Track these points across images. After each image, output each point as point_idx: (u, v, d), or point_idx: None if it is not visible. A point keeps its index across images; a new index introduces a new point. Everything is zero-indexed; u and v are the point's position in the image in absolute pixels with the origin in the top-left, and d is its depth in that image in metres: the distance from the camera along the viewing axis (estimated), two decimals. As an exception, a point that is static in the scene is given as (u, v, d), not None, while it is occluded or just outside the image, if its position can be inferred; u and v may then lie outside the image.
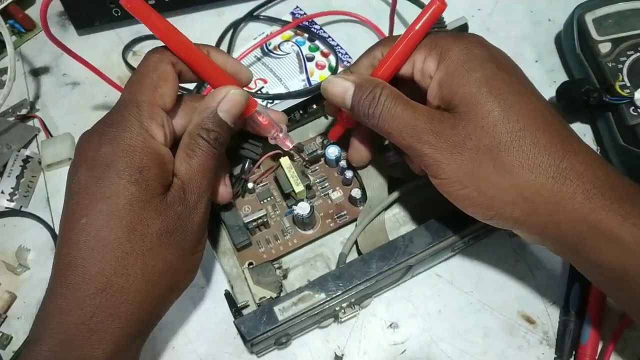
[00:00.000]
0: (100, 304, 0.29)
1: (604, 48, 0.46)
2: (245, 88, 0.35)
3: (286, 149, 0.39)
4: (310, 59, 0.52)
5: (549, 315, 0.41)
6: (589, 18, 0.47)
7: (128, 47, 0.54)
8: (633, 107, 0.43)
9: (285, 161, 0.40)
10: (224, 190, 0.37)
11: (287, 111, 0.42)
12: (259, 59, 0.53)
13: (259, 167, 0.41)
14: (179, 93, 0.34)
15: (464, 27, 0.44)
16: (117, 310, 0.29)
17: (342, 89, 0.34)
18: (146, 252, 0.29)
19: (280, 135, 0.38)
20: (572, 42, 0.48)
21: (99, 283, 0.29)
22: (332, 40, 0.53)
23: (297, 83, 0.51)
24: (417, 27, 0.33)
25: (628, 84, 0.44)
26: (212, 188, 0.33)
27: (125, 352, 0.30)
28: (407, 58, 0.34)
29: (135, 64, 0.53)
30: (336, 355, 0.40)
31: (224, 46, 0.54)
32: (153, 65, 0.32)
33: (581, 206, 0.29)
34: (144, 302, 0.30)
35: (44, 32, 0.37)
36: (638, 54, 0.45)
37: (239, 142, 0.41)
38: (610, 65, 0.45)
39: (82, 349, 0.28)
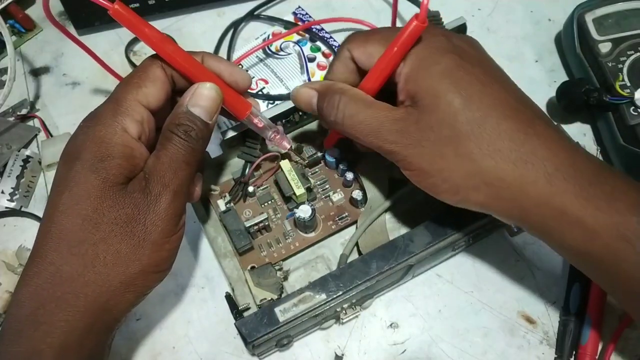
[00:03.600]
0: (48, 295, 0.29)
1: (604, 48, 0.46)
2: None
3: (284, 150, 0.39)
4: (312, 60, 0.52)
5: (549, 315, 0.41)
6: (589, 18, 0.47)
7: (129, 45, 0.54)
8: (633, 107, 0.43)
9: (285, 164, 0.40)
10: (191, 189, 0.35)
11: (287, 112, 0.42)
12: (260, 60, 0.53)
13: (257, 169, 0.41)
14: None
15: (462, 27, 0.44)
16: (63, 301, 0.29)
17: (308, 97, 0.36)
18: (99, 242, 0.29)
19: (277, 136, 0.38)
20: (572, 42, 0.48)
21: (49, 273, 0.29)
22: (334, 41, 0.53)
23: (298, 84, 0.50)
24: (395, 49, 0.32)
25: (628, 84, 0.44)
26: (184, 182, 0.32)
27: (77, 348, 0.30)
28: (389, 75, 0.33)
29: (136, 63, 0.53)
30: (336, 355, 0.40)
31: (224, 46, 0.54)
32: (144, 67, 0.33)
33: (543, 189, 0.29)
34: (92, 294, 0.29)
35: (47, 19, 0.38)
36: (638, 53, 0.45)
37: (237, 146, 0.41)
38: (610, 65, 0.45)
39: (31, 341, 0.28)
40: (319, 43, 0.53)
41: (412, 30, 0.31)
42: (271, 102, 0.49)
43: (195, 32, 0.55)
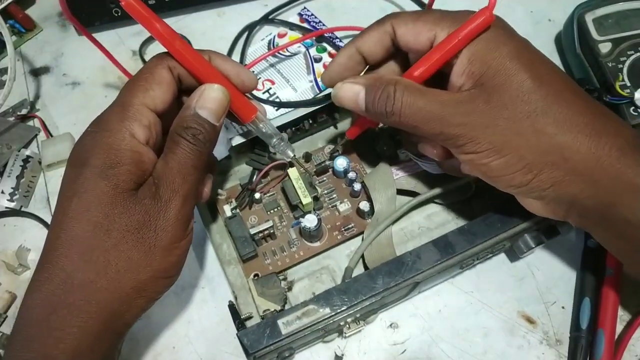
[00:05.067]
0: (60, 301, 0.29)
1: (604, 48, 0.46)
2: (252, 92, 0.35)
3: (287, 159, 0.39)
4: (318, 60, 0.52)
5: (549, 315, 0.40)
6: (589, 18, 0.47)
7: (143, 46, 0.54)
8: (633, 107, 0.43)
9: (293, 172, 0.39)
10: (200, 190, 0.35)
11: (297, 120, 0.42)
12: (266, 60, 0.52)
13: (265, 176, 0.41)
14: None
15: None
16: (75, 307, 0.29)
17: (353, 93, 0.34)
18: (110, 249, 0.29)
19: (282, 144, 0.38)
20: (572, 42, 0.48)
21: (60, 279, 0.29)
22: (340, 41, 0.53)
23: (304, 84, 0.51)
24: (458, 38, 0.32)
25: (628, 84, 0.44)
26: (193, 187, 0.32)
27: (89, 353, 0.29)
28: (444, 63, 0.33)
29: (134, 64, 0.53)
30: (336, 355, 0.40)
31: (238, 48, 0.53)
32: (149, 68, 0.32)
33: (617, 161, 0.30)
34: (104, 301, 0.29)
35: (63, 12, 0.38)
36: (638, 54, 0.45)
37: (245, 153, 0.40)
38: (610, 65, 0.45)
39: (43, 347, 0.28)
40: (324, 43, 0.53)
41: (480, 23, 0.31)
42: (276, 108, 0.49)
43: (195, 32, 0.55)
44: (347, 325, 0.36)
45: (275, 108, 0.49)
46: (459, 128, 0.31)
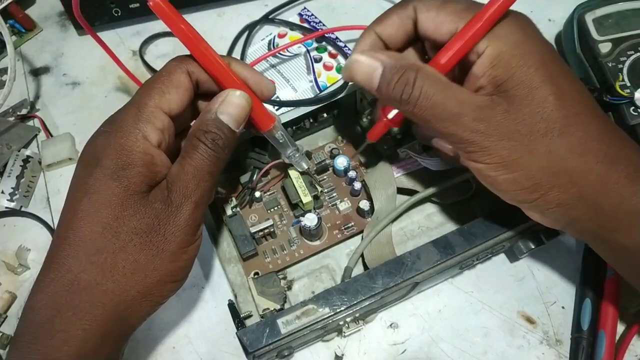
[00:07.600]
0: (66, 302, 0.28)
1: (604, 48, 0.46)
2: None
3: (300, 170, 0.39)
4: (318, 60, 0.52)
5: (549, 315, 0.40)
6: (589, 18, 0.47)
7: (143, 47, 0.54)
8: (633, 107, 0.43)
9: (293, 171, 0.39)
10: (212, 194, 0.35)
11: (298, 119, 0.42)
12: (266, 60, 0.53)
13: (265, 174, 0.41)
14: None
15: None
16: (81, 310, 0.28)
17: (370, 68, 0.31)
18: (118, 251, 0.29)
19: (297, 155, 0.38)
20: (572, 42, 0.48)
21: (67, 280, 0.29)
22: (340, 41, 0.53)
23: (304, 84, 0.51)
24: (480, 23, 0.29)
25: (628, 84, 0.44)
26: (207, 192, 0.31)
27: (93, 356, 0.29)
28: (466, 52, 0.30)
29: (134, 64, 0.53)
30: (336, 355, 0.40)
31: (238, 48, 0.54)
32: (168, 71, 0.32)
33: (624, 189, 0.29)
34: (110, 303, 0.29)
35: (74, 11, 0.38)
36: (638, 53, 0.45)
37: (246, 151, 0.40)
38: (610, 65, 0.45)
39: (47, 349, 0.28)
40: (325, 43, 0.53)
41: (503, 4, 0.28)
42: (276, 107, 0.49)
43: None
44: (347, 325, 0.36)
45: (276, 107, 0.49)
46: (473, 134, 0.29)
